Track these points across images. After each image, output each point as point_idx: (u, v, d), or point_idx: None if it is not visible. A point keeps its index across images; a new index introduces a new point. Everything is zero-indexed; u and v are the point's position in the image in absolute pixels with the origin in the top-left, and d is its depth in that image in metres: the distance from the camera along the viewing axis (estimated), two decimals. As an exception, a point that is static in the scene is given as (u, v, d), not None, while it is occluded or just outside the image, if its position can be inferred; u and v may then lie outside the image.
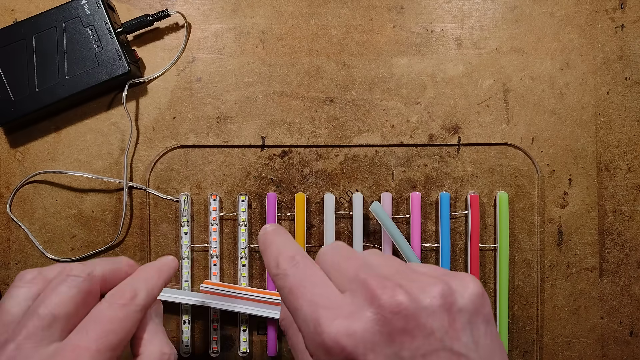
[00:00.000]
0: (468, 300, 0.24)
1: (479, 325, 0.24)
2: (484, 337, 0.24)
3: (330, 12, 0.42)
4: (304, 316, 0.25)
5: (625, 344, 0.42)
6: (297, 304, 0.25)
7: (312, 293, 0.25)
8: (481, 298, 0.25)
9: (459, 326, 0.23)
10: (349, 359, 0.23)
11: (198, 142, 0.42)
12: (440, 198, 0.41)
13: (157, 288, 0.30)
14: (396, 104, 0.42)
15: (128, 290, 0.29)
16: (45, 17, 0.40)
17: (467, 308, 0.24)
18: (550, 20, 0.42)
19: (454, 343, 0.23)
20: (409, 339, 0.23)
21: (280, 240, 0.29)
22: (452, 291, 0.24)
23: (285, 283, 0.26)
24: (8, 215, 0.42)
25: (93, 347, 0.25)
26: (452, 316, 0.23)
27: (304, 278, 0.26)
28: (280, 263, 0.27)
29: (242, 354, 0.42)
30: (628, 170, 0.42)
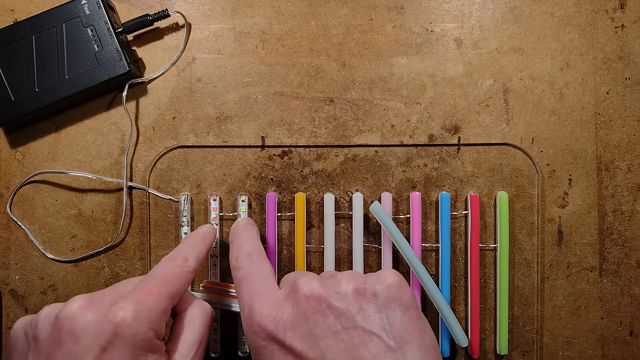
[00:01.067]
0: (384, 287, 0.28)
1: (395, 310, 0.27)
2: (401, 321, 0.27)
3: (330, 12, 0.42)
4: (243, 302, 0.30)
5: (625, 344, 0.42)
6: (241, 292, 0.30)
7: (253, 284, 0.30)
8: (398, 287, 0.28)
9: (372, 309, 0.27)
10: (271, 337, 0.27)
11: (198, 142, 0.42)
12: (440, 198, 0.41)
13: (203, 254, 0.35)
14: (396, 104, 0.42)
15: (180, 256, 0.33)
16: (45, 17, 0.40)
17: (382, 294, 0.28)
18: (550, 20, 0.42)
19: (366, 323, 0.27)
20: (322, 318, 0.27)
21: (245, 236, 0.35)
22: (365, 280, 0.28)
23: (237, 274, 0.32)
24: (8, 215, 0.42)
25: (154, 291, 0.30)
26: (366, 300, 0.27)
27: (253, 272, 0.31)
28: (239, 257, 0.33)
29: (242, 354, 0.42)
30: (628, 170, 0.42)
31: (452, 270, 0.42)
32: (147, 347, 0.28)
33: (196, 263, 0.34)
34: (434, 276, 0.42)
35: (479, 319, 0.41)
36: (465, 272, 0.42)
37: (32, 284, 0.42)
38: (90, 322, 0.27)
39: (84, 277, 0.42)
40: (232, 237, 0.36)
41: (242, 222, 0.38)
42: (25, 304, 0.42)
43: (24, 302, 0.42)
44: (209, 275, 0.42)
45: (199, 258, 0.35)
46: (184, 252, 0.34)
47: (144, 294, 0.29)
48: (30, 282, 0.42)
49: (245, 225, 0.37)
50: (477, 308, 0.41)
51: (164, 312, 0.30)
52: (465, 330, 0.41)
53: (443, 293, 0.40)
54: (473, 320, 0.41)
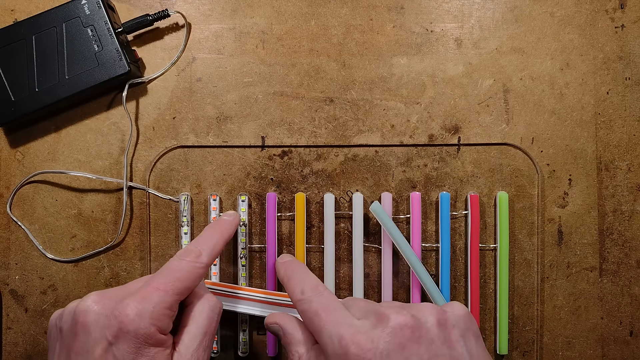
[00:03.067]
0: (459, 318, 0.30)
1: (471, 338, 0.30)
2: (476, 348, 0.30)
3: (330, 12, 0.42)
4: (328, 333, 0.30)
5: (625, 344, 0.42)
6: (321, 325, 0.31)
7: (334, 315, 0.31)
8: (469, 318, 0.31)
9: (454, 338, 0.29)
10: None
11: (198, 142, 0.42)
12: (440, 198, 0.41)
13: (218, 248, 0.36)
14: (396, 104, 0.42)
15: (194, 250, 0.34)
16: (45, 17, 0.40)
17: (458, 325, 0.30)
18: (550, 20, 0.42)
19: (452, 351, 0.29)
20: (416, 346, 0.28)
21: (302, 270, 0.36)
22: (444, 312, 0.30)
23: (310, 307, 0.32)
24: (8, 215, 0.42)
25: (161, 287, 0.31)
26: (447, 330, 0.29)
27: (327, 303, 0.32)
28: (305, 290, 0.33)
29: (242, 354, 0.42)
30: (628, 170, 0.42)
31: (452, 270, 0.42)
32: (149, 341, 0.30)
33: (209, 258, 0.34)
34: (434, 276, 0.42)
35: (479, 319, 0.41)
36: (465, 272, 0.42)
37: (32, 284, 0.42)
38: (99, 317, 0.30)
39: (84, 277, 0.42)
40: (288, 274, 0.36)
41: (286, 257, 0.39)
42: (25, 304, 0.42)
43: (24, 302, 0.42)
44: (209, 275, 0.42)
45: (212, 253, 0.35)
46: (199, 247, 0.35)
47: (150, 290, 0.31)
48: (30, 282, 0.42)
49: (294, 261, 0.38)
50: (477, 308, 0.41)
51: (169, 308, 0.31)
52: (465, 330, 0.41)
53: (443, 293, 0.40)
54: (473, 320, 0.41)
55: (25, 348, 0.42)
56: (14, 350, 0.42)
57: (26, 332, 0.42)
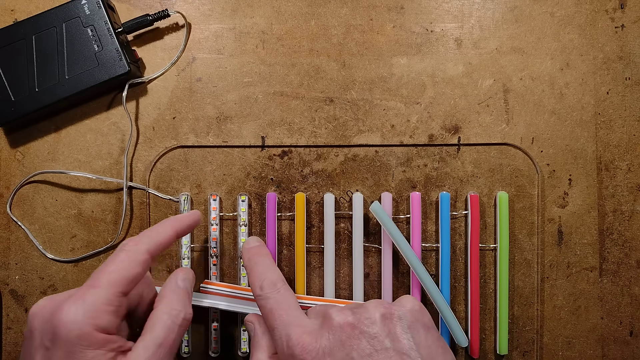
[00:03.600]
0: (407, 311, 0.31)
1: (419, 330, 0.30)
2: (425, 340, 0.30)
3: (330, 12, 0.42)
4: (279, 334, 0.31)
5: (625, 344, 0.42)
6: (274, 324, 0.32)
7: (287, 314, 0.32)
8: (419, 310, 0.32)
9: (400, 331, 0.30)
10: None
11: (198, 142, 0.42)
12: (440, 198, 0.41)
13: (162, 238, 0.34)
14: (396, 104, 0.42)
15: (133, 238, 0.33)
16: (45, 17, 0.40)
17: (405, 317, 0.31)
18: (550, 20, 0.42)
19: (396, 344, 0.29)
20: (356, 342, 0.29)
21: (263, 262, 0.36)
22: (390, 306, 0.31)
23: (266, 304, 0.33)
24: (8, 215, 0.42)
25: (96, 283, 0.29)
26: (393, 324, 0.30)
27: (282, 302, 0.33)
28: (264, 286, 0.34)
29: (242, 354, 0.42)
30: (628, 170, 0.42)
31: (452, 270, 0.42)
32: (84, 343, 0.27)
33: (149, 246, 0.32)
34: (434, 276, 0.42)
35: (479, 319, 0.41)
36: (465, 272, 0.42)
37: (32, 284, 0.42)
38: (41, 322, 0.29)
39: (84, 277, 0.42)
40: (249, 264, 0.36)
41: (253, 243, 0.38)
42: (25, 304, 0.42)
43: (24, 302, 0.42)
44: (209, 275, 0.42)
45: (154, 242, 0.33)
46: (141, 235, 0.33)
47: (84, 289, 0.29)
48: (30, 282, 0.42)
49: (259, 249, 0.37)
50: (477, 308, 0.41)
51: (107, 303, 0.29)
52: (465, 330, 0.41)
53: (443, 293, 0.40)
54: (473, 320, 0.41)
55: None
56: (14, 350, 0.42)
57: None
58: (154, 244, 0.33)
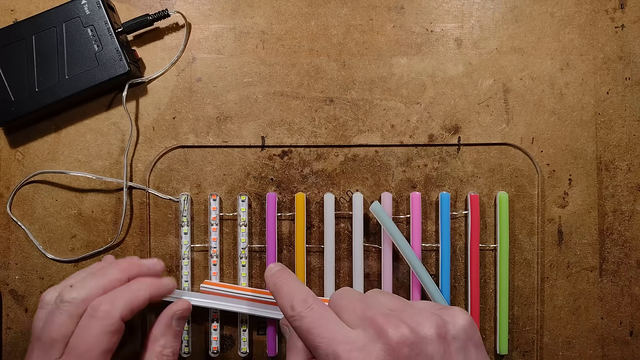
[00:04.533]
0: (460, 329, 0.29)
1: (471, 349, 0.29)
2: (476, 358, 0.29)
3: (330, 12, 0.42)
4: (324, 352, 0.29)
5: (625, 344, 0.42)
6: (315, 342, 0.29)
7: (328, 331, 0.29)
8: (471, 327, 0.30)
9: (453, 351, 0.28)
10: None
11: (198, 142, 0.42)
12: (440, 198, 0.41)
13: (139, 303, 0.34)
14: (396, 104, 0.42)
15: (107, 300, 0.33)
16: (45, 17, 0.40)
17: (459, 336, 0.29)
18: (550, 20, 0.42)
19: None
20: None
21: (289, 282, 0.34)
22: (444, 322, 0.29)
23: (302, 324, 0.31)
24: (8, 215, 0.42)
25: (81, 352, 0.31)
26: (447, 343, 0.28)
27: (319, 318, 0.30)
28: (295, 306, 0.31)
29: (242, 354, 0.42)
30: (628, 170, 0.42)
31: (452, 270, 0.42)
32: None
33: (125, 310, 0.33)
34: (434, 276, 0.42)
35: (479, 319, 0.41)
36: (465, 272, 0.42)
37: (32, 284, 0.42)
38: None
39: (84, 277, 0.42)
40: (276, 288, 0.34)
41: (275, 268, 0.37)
42: (25, 304, 0.42)
43: (24, 302, 0.42)
44: (209, 275, 0.42)
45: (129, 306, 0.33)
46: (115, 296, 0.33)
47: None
48: (30, 282, 0.42)
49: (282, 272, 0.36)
50: (477, 308, 0.41)
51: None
52: (465, 330, 0.41)
53: (443, 293, 0.40)
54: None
55: (25, 348, 0.42)
56: (14, 350, 0.42)
57: (26, 332, 0.42)
58: (128, 310, 0.33)
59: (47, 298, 0.34)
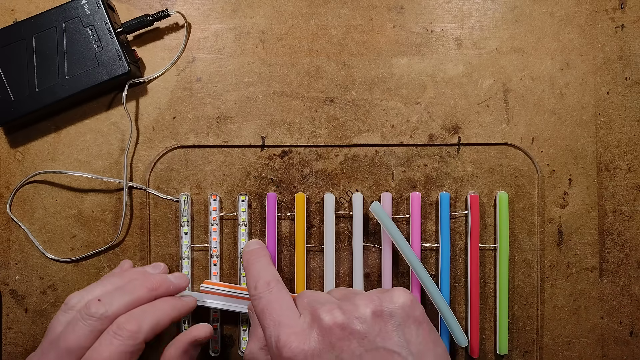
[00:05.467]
0: (397, 307, 0.30)
1: (410, 327, 0.30)
2: (416, 336, 0.30)
3: (330, 12, 0.42)
4: (269, 333, 0.31)
5: (625, 344, 0.42)
6: (264, 323, 0.32)
7: (277, 313, 0.31)
8: (410, 305, 0.30)
9: (390, 328, 0.29)
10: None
11: (198, 142, 0.42)
12: (440, 198, 0.41)
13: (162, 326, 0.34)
14: (396, 104, 0.42)
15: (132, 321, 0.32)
16: (45, 17, 0.40)
17: (396, 313, 0.30)
18: (550, 20, 0.42)
19: (387, 342, 0.29)
20: (346, 344, 0.29)
21: (260, 262, 0.36)
22: (381, 302, 0.30)
23: (258, 303, 0.33)
24: (8, 215, 0.42)
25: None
26: (384, 321, 0.29)
27: (273, 301, 0.32)
28: (258, 286, 0.34)
29: (242, 354, 0.42)
30: (628, 170, 0.42)
31: (452, 270, 0.42)
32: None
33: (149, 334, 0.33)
34: (434, 276, 0.42)
35: (479, 319, 0.41)
36: (465, 272, 0.42)
37: (32, 284, 0.42)
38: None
39: (84, 277, 0.42)
40: (247, 265, 0.36)
41: (253, 245, 0.38)
42: (25, 304, 0.42)
43: (24, 302, 0.42)
44: (209, 275, 0.42)
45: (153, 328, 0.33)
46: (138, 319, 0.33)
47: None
48: (30, 282, 0.42)
49: (258, 251, 0.38)
50: (477, 308, 0.41)
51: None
52: (465, 330, 0.41)
53: (443, 293, 0.40)
54: (473, 320, 0.41)
55: (25, 348, 0.42)
56: (14, 351, 0.42)
57: (26, 332, 0.42)
58: (153, 332, 0.33)
59: (72, 302, 0.34)
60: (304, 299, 0.33)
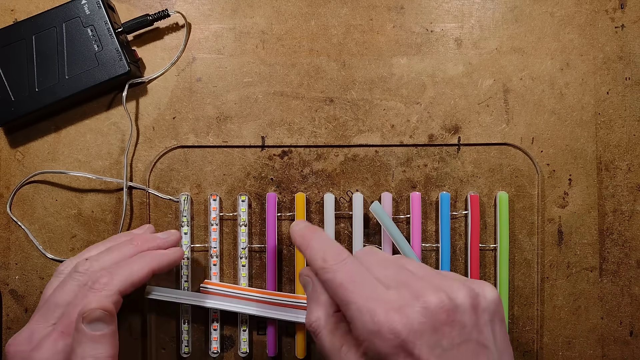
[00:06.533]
0: (491, 302, 0.29)
1: (497, 323, 0.29)
2: (500, 333, 0.29)
3: (330, 12, 0.42)
4: (358, 308, 0.28)
5: (625, 344, 0.42)
6: (350, 297, 0.29)
7: (364, 287, 0.29)
8: (498, 301, 0.30)
9: (483, 323, 0.28)
10: (401, 345, 0.27)
11: (198, 142, 0.42)
12: (440, 198, 0.41)
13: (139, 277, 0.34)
14: (396, 104, 0.42)
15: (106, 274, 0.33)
16: (45, 17, 0.40)
17: (489, 309, 0.29)
18: (550, 20, 0.42)
19: (480, 336, 0.28)
20: (449, 330, 0.27)
21: (322, 236, 0.33)
22: (476, 294, 0.29)
23: (334, 277, 0.30)
24: (8, 215, 0.42)
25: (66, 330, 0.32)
26: (478, 314, 0.28)
27: (354, 273, 0.30)
28: (328, 259, 0.30)
29: (242, 354, 0.42)
30: (628, 170, 0.42)
31: (452, 270, 0.42)
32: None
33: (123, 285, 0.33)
34: (434, 276, 0.42)
35: (479, 319, 0.41)
36: (465, 272, 0.42)
37: (32, 284, 0.42)
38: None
39: (84, 277, 0.42)
40: (304, 241, 0.33)
41: (302, 223, 0.35)
42: (25, 304, 0.42)
43: (24, 302, 0.42)
44: (209, 275, 0.42)
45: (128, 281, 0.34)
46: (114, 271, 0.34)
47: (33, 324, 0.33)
48: (30, 282, 0.42)
49: (312, 227, 0.34)
50: (477, 308, 0.41)
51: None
52: (465, 330, 0.41)
53: (443, 293, 0.40)
54: (473, 320, 0.41)
55: (25, 348, 0.42)
56: (14, 350, 0.42)
57: (26, 332, 0.42)
58: (128, 284, 0.34)
59: (62, 268, 0.36)
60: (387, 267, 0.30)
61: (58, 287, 0.34)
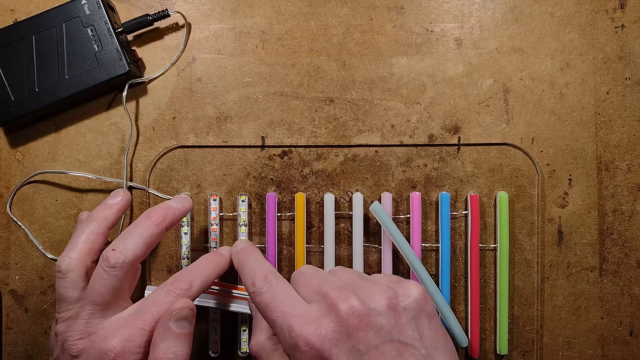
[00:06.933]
0: (412, 301, 0.30)
1: (423, 320, 0.30)
2: (428, 329, 0.30)
3: (330, 12, 0.42)
4: (279, 325, 0.30)
5: (625, 344, 0.42)
6: (272, 316, 0.31)
7: (283, 305, 0.31)
8: (423, 299, 0.30)
9: (404, 322, 0.29)
10: (317, 355, 0.28)
11: (198, 142, 0.42)
12: (440, 198, 0.41)
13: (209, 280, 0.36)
14: (396, 104, 0.42)
15: (184, 282, 0.35)
16: (45, 17, 0.40)
17: (410, 307, 0.30)
18: (550, 20, 0.42)
19: (401, 335, 0.29)
20: (363, 334, 0.28)
21: (252, 259, 0.35)
22: (396, 294, 0.30)
23: (261, 299, 0.32)
24: (8, 215, 0.42)
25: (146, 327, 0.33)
26: (398, 314, 0.29)
27: (277, 294, 0.32)
28: (256, 282, 0.33)
29: (242, 354, 0.42)
30: (628, 170, 0.42)
31: (452, 270, 0.42)
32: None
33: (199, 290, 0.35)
34: (434, 276, 0.42)
35: (479, 319, 0.41)
36: (465, 272, 0.42)
37: (32, 284, 0.42)
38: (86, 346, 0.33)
39: (84, 277, 0.42)
40: (239, 265, 0.36)
41: (241, 244, 0.38)
42: (25, 304, 0.42)
43: (24, 302, 0.42)
44: (209, 275, 0.42)
45: (204, 285, 0.36)
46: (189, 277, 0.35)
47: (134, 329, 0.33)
48: (30, 282, 0.42)
49: (246, 248, 0.38)
50: (477, 308, 0.41)
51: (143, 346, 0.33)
52: (465, 330, 0.41)
53: (443, 293, 0.40)
54: (473, 320, 0.41)
55: (25, 348, 0.42)
56: (14, 350, 0.42)
57: (26, 332, 0.42)
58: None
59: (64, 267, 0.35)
60: (312, 283, 0.32)
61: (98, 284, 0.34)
